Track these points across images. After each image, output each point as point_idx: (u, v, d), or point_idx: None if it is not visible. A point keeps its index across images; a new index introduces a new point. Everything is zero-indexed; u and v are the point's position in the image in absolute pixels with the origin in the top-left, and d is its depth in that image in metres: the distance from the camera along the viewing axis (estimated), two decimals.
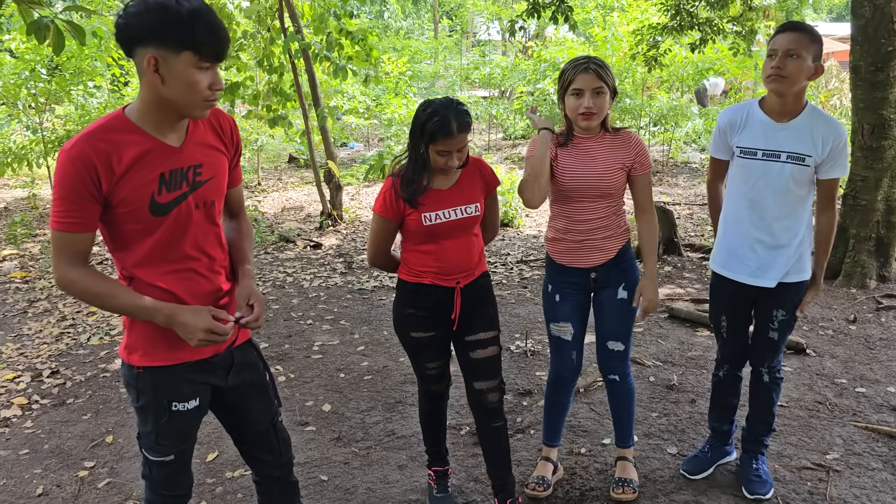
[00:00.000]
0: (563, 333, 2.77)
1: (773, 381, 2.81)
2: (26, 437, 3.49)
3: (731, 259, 2.73)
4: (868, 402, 3.60)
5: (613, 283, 2.73)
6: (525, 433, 3.39)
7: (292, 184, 11.78)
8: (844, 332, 4.58)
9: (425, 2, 30.95)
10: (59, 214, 1.67)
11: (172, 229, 1.79)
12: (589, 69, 2.50)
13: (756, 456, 2.90)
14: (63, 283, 1.72)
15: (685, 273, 6.06)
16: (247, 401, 2.07)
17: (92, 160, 1.64)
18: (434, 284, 2.51)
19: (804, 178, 2.55)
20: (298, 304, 5.48)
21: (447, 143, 2.31)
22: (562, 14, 6.39)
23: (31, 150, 9.50)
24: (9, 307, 5.55)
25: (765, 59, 2.53)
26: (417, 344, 2.61)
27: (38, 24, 3.11)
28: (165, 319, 1.75)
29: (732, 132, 2.67)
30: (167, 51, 1.61)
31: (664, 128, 12.61)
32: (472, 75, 17.22)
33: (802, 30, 2.46)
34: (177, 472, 2.01)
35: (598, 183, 2.62)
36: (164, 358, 1.84)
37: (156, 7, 1.58)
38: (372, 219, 2.53)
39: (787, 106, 2.54)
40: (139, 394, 1.87)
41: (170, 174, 1.76)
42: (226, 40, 1.68)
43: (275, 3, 7.62)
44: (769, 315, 2.71)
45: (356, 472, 3.08)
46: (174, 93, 1.66)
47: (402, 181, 2.41)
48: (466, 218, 2.47)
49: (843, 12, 31.02)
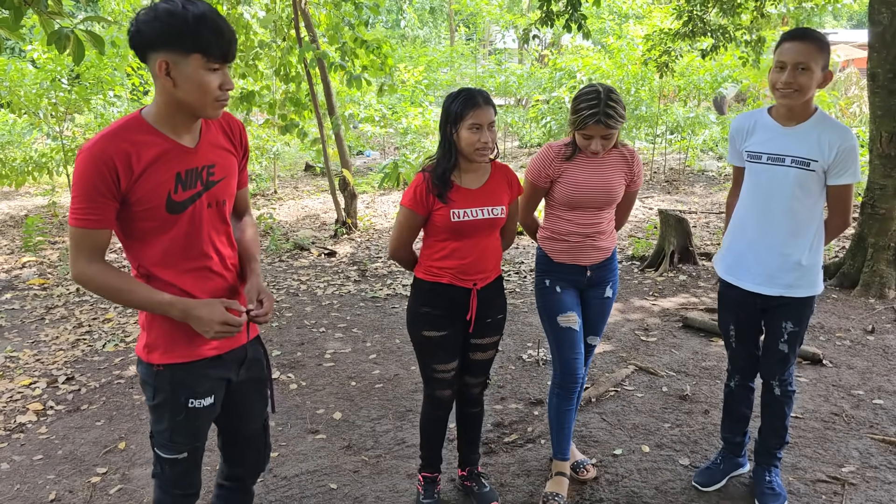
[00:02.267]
0: (572, 323, 2.76)
1: (784, 395, 2.76)
2: (41, 442, 3.52)
3: (737, 265, 2.72)
4: (885, 414, 3.54)
5: (603, 282, 2.86)
6: (535, 443, 3.37)
7: (308, 192, 11.84)
8: (862, 343, 4.51)
9: (442, 10, 31.08)
10: (79, 211, 1.72)
11: (187, 228, 1.85)
12: (600, 122, 2.53)
13: (769, 468, 2.86)
14: (81, 278, 1.77)
15: (700, 282, 6.01)
16: (250, 397, 2.13)
17: (112, 159, 1.70)
18: (452, 284, 2.54)
19: (811, 184, 2.52)
20: (311, 312, 5.50)
21: (476, 115, 2.37)
22: (575, 22, 6.38)
23: (51, 159, 9.64)
24: (27, 314, 5.62)
25: (772, 69, 2.49)
26: (429, 343, 2.61)
27: (58, 34, 3.16)
28: (181, 314, 1.81)
29: (741, 138, 2.69)
30: (177, 54, 1.69)
31: (681, 136, 12.54)
32: (488, 83, 17.23)
33: (811, 39, 2.40)
34: (189, 471, 2.04)
35: (607, 194, 2.72)
36: (184, 355, 1.90)
37: (164, 14, 1.66)
38: (399, 212, 2.57)
39: (795, 112, 2.53)
40: (156, 391, 1.93)
41: (185, 174, 1.82)
42: (232, 42, 1.74)
43: (291, 13, 7.69)
44: (778, 327, 2.67)
45: (365, 481, 3.08)
46: (186, 94, 1.73)
47: (434, 175, 2.47)
48: (492, 219, 2.54)
49: (863, 19, 30.71)
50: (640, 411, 3.65)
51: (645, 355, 4.42)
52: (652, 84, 11.78)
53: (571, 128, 2.64)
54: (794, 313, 2.64)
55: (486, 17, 25.44)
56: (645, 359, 4.35)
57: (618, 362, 4.29)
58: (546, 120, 13.38)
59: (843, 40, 23.59)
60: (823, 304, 5.23)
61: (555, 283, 2.79)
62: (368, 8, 7.63)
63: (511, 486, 3.01)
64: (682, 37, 7.63)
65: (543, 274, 2.84)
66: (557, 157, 2.71)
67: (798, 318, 2.65)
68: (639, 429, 3.47)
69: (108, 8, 10.01)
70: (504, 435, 3.45)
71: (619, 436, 3.40)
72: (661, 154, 13.57)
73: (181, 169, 1.81)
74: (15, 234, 8.81)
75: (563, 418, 2.86)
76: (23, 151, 10.19)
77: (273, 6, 7.91)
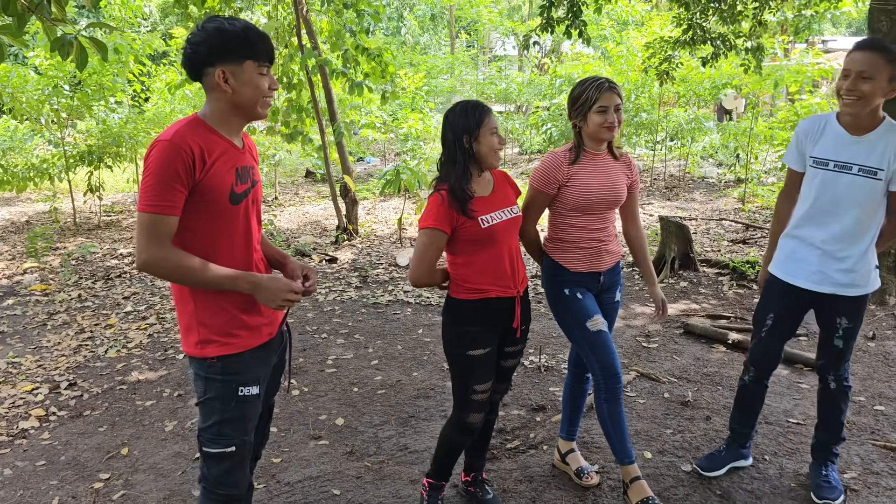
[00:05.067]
0: (601, 326, 2.75)
1: (840, 389, 2.82)
2: (43, 448, 3.53)
3: (791, 262, 2.75)
4: (887, 420, 3.55)
5: (613, 287, 2.92)
6: (538, 449, 3.37)
7: (309, 198, 11.86)
8: (863, 349, 4.52)
9: (442, 18, 31.17)
10: (154, 198, 1.84)
11: (243, 221, 2.03)
12: (611, 89, 2.66)
13: (826, 463, 2.90)
14: (153, 261, 1.86)
15: (701, 289, 6.02)
16: (273, 378, 2.26)
17: (191, 148, 1.87)
18: (498, 297, 2.53)
19: (875, 191, 2.56)
20: (313, 318, 5.51)
21: (491, 120, 2.48)
22: (575, 29, 6.42)
23: (52, 165, 9.65)
24: (29, 319, 5.63)
25: (839, 76, 2.54)
26: (473, 362, 2.54)
27: (61, 40, 3.17)
28: (250, 286, 1.96)
29: (808, 142, 2.70)
30: (232, 64, 1.91)
31: (681, 143, 12.57)
32: (488, 90, 17.28)
33: (877, 50, 2.45)
34: (234, 469, 2.07)
35: (615, 194, 2.79)
36: (237, 346, 2.02)
37: (214, 32, 1.89)
38: (421, 235, 2.47)
39: (861, 121, 2.55)
40: (209, 384, 2.01)
41: (241, 170, 2.02)
42: (272, 45, 1.98)
43: (293, 20, 7.72)
44: (833, 322, 2.72)
45: (368, 487, 3.08)
46: (243, 97, 1.95)
47: (452, 192, 2.44)
48: (515, 218, 2.59)
49: (862, 27, 30.80)
50: (642, 417, 3.66)
51: (646, 361, 4.42)
52: (651, 91, 11.82)
53: (580, 116, 2.70)
54: (849, 309, 2.69)
55: (487, 25, 25.51)
56: (646, 365, 4.36)
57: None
58: (546, 126, 13.42)
59: (841, 47, 23.66)
60: None
61: (574, 291, 2.79)
62: (370, 15, 7.66)
63: (514, 492, 3.01)
64: (683, 45, 7.66)
65: (560, 284, 2.81)
66: (564, 161, 2.74)
67: (853, 315, 2.70)
68: (641, 435, 3.48)
69: (110, 14, 10.02)
70: (507, 441, 3.46)
71: None
72: (661, 161, 13.60)
73: (238, 165, 2.01)
74: (16, 240, 8.82)
75: (617, 421, 2.75)
76: (24, 157, 10.20)
77: (275, 13, 7.94)
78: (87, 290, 6.52)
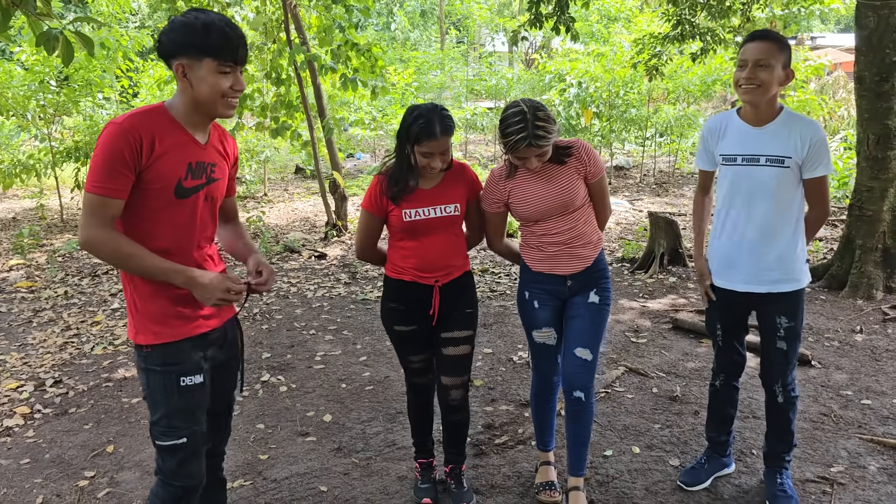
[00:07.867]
0: (547, 339, 2.78)
1: (787, 402, 2.76)
2: (28, 446, 3.49)
3: (724, 267, 2.75)
4: (874, 415, 3.56)
5: (585, 289, 2.72)
6: (526, 444, 3.37)
7: (298, 194, 11.82)
8: (850, 344, 4.54)
9: (432, 13, 31.11)
10: (100, 180, 1.84)
11: (188, 215, 2.00)
12: (531, 145, 2.43)
13: (779, 471, 2.86)
14: (92, 241, 1.87)
15: (689, 284, 6.03)
16: (222, 376, 2.22)
17: (140, 133, 1.86)
18: (414, 281, 2.63)
19: (787, 180, 2.57)
20: (302, 315, 5.48)
21: (430, 145, 2.44)
22: (563, 25, 6.41)
23: (39, 161, 9.57)
24: (14, 317, 5.58)
25: (735, 69, 2.58)
26: (401, 337, 2.76)
27: (47, 35, 3.13)
28: (185, 280, 1.95)
29: (713, 141, 2.74)
30: (191, 59, 1.90)
31: (670, 139, 12.60)
32: (478, 86, 17.27)
33: (771, 38, 2.51)
34: (188, 459, 2.06)
35: (563, 198, 2.62)
36: (170, 335, 2.00)
37: (179, 25, 1.89)
38: (360, 214, 2.70)
39: (761, 112, 2.59)
40: (149, 376, 2.01)
41: (195, 165, 2.00)
42: (240, 46, 1.93)
43: (281, 15, 7.68)
44: (773, 323, 2.69)
45: (356, 483, 3.07)
46: (200, 93, 1.93)
47: (389, 180, 2.56)
48: (446, 217, 2.60)
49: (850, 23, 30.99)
50: (631, 412, 3.66)
51: (635, 357, 4.43)
52: (641, 87, 11.83)
53: (503, 150, 2.58)
54: (786, 308, 2.67)
55: (477, 20, 25.49)
56: (635, 360, 4.36)
57: (608, 364, 4.30)
58: None
59: (830, 44, 23.79)
60: (812, 306, 5.27)
61: (533, 298, 2.75)
62: (359, 10, 7.62)
63: (502, 487, 3.01)
64: (672, 40, 7.67)
65: (524, 284, 2.80)
66: (500, 179, 2.69)
67: (791, 313, 2.67)
68: (629, 430, 3.48)
69: (97, 9, 9.95)
70: (494, 437, 3.45)
71: (609, 437, 3.41)
72: (650, 157, 13.63)
73: (192, 160, 1.99)
74: (2, 237, 8.75)
75: (542, 414, 2.98)
76: (11, 154, 10.12)
77: (263, 8, 7.88)
78: (74, 286, 6.47)
